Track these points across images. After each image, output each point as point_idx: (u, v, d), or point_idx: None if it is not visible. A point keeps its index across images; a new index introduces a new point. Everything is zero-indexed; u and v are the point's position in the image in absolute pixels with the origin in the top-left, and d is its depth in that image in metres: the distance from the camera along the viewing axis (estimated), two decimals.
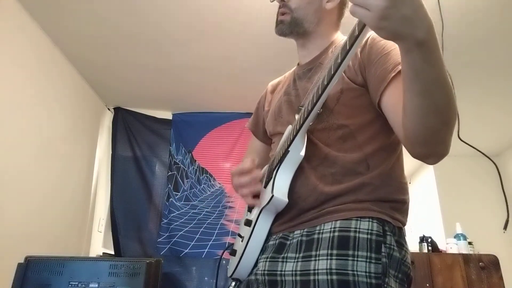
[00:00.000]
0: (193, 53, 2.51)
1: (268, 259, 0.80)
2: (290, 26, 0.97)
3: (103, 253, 2.93)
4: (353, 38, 0.61)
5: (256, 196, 0.88)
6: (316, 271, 0.71)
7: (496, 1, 1.99)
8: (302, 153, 0.82)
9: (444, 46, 1.34)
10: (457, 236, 2.69)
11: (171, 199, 3.02)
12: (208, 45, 2.42)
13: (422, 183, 4.31)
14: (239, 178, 0.88)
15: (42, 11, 2.12)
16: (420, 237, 2.70)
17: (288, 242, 0.81)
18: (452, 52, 2.26)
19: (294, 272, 0.74)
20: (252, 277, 0.82)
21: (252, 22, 2.19)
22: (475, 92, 2.82)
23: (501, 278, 2.14)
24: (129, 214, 2.97)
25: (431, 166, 4.05)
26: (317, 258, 0.73)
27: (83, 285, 1.64)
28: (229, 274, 0.91)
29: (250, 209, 0.96)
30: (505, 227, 1.98)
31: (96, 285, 1.64)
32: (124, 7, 2.10)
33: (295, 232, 0.81)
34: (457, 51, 2.34)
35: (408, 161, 0.83)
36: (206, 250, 2.85)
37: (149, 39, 2.37)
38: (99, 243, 2.95)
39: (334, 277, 0.69)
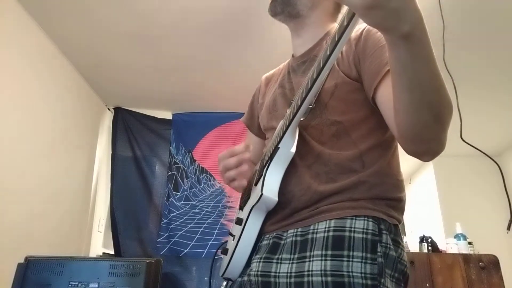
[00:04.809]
0: (193, 53, 2.51)
1: (261, 260, 0.77)
2: (282, 4, 0.94)
3: (103, 253, 2.94)
4: (342, 29, 0.58)
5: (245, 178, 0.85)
6: (310, 272, 0.69)
7: (495, 2, 1.99)
8: (293, 149, 0.79)
9: (445, 46, 1.34)
10: (457, 236, 2.68)
11: (171, 199, 3.02)
12: (208, 45, 2.42)
13: (422, 183, 4.31)
14: (227, 160, 0.85)
15: (43, 11, 2.12)
16: (420, 237, 2.69)
17: (282, 242, 0.79)
18: (453, 52, 2.26)
19: (289, 274, 0.72)
20: (245, 278, 0.79)
21: (253, 22, 2.19)
22: (476, 91, 2.82)
23: (501, 278, 2.14)
24: (129, 214, 2.97)
25: (431, 166, 4.05)
26: (311, 259, 0.71)
27: (83, 285, 1.64)
28: (220, 274, 0.90)
29: (241, 207, 0.94)
30: (509, 228, 1.98)
31: (96, 285, 1.64)
32: (124, 8, 2.10)
33: (289, 232, 0.79)
34: (458, 51, 2.34)
35: (409, 161, 0.82)
36: (206, 250, 2.85)
37: (150, 39, 2.37)
38: (99, 243, 2.95)
39: (329, 278, 0.67)
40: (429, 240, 2.63)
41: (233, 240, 0.89)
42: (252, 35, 2.30)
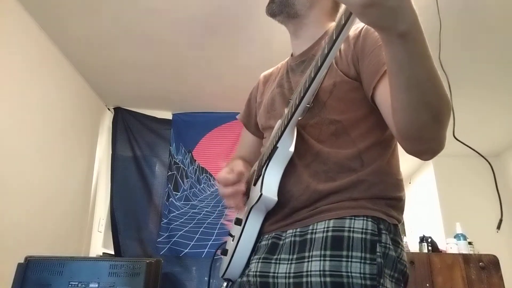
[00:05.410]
0: (193, 54, 2.51)
1: (260, 260, 0.77)
2: (280, 5, 0.94)
3: (103, 253, 2.94)
4: (339, 28, 0.58)
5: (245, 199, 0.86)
6: (309, 273, 0.69)
7: (493, 2, 1.99)
8: (291, 149, 0.78)
9: (441, 45, 1.34)
10: (457, 236, 2.68)
11: (171, 199, 3.02)
12: (208, 46, 2.42)
13: (422, 183, 4.31)
14: (223, 189, 0.86)
15: (43, 11, 2.12)
16: (420, 237, 2.69)
17: (281, 242, 0.79)
18: (449, 51, 2.27)
19: (287, 275, 0.72)
20: (244, 278, 0.79)
21: (253, 23, 2.19)
22: (473, 91, 2.81)
23: (501, 278, 2.14)
24: (129, 214, 2.97)
25: (431, 166, 4.05)
26: (310, 259, 0.71)
27: (83, 285, 1.64)
28: (220, 274, 0.89)
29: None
30: (499, 227, 1.99)
31: (96, 285, 1.64)
32: (125, 8, 2.10)
33: (288, 232, 0.79)
34: (454, 51, 2.34)
35: (408, 161, 0.82)
36: (206, 250, 2.85)
37: (150, 39, 2.37)
38: (99, 243, 2.95)
39: (328, 279, 0.67)
40: (429, 240, 2.63)
41: (232, 240, 0.88)
42: (252, 35, 2.30)
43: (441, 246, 2.71)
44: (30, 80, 2.17)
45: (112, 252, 2.89)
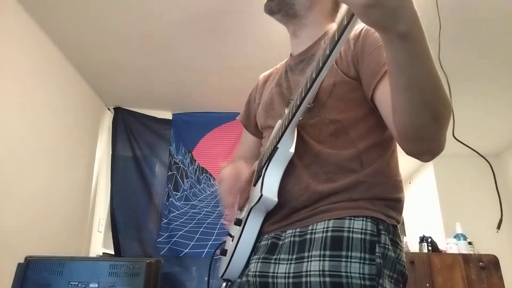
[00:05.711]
0: (193, 53, 2.51)
1: (260, 260, 0.77)
2: (279, 4, 0.93)
3: (103, 253, 2.94)
4: (342, 28, 0.58)
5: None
6: (308, 273, 0.69)
7: (492, 1, 1.99)
8: (292, 149, 0.78)
9: (441, 45, 1.34)
10: (457, 236, 2.69)
11: (171, 199, 3.02)
12: (209, 45, 2.42)
13: (422, 183, 4.31)
14: (235, 182, 0.86)
15: (43, 11, 2.12)
16: (420, 237, 2.70)
17: (281, 242, 0.79)
18: (449, 52, 2.26)
19: (287, 275, 0.72)
20: (244, 278, 0.80)
21: (253, 22, 2.19)
22: (472, 91, 2.81)
23: (501, 278, 2.14)
24: (129, 214, 2.97)
25: (431, 166, 4.05)
26: (309, 259, 0.71)
27: (83, 285, 1.64)
28: (220, 274, 0.89)
29: (240, 208, 0.94)
30: (498, 227, 2.00)
31: (96, 285, 1.64)
32: (124, 8, 2.10)
33: (287, 232, 0.79)
34: (454, 51, 2.34)
35: (408, 161, 0.81)
36: (206, 250, 2.85)
37: (150, 39, 2.37)
38: (99, 243, 2.95)
39: (327, 279, 0.67)
40: (429, 240, 2.63)
41: (232, 241, 0.89)
42: (251, 35, 2.30)
43: (441, 246, 2.72)
44: (30, 80, 2.17)
45: (112, 252, 2.89)
